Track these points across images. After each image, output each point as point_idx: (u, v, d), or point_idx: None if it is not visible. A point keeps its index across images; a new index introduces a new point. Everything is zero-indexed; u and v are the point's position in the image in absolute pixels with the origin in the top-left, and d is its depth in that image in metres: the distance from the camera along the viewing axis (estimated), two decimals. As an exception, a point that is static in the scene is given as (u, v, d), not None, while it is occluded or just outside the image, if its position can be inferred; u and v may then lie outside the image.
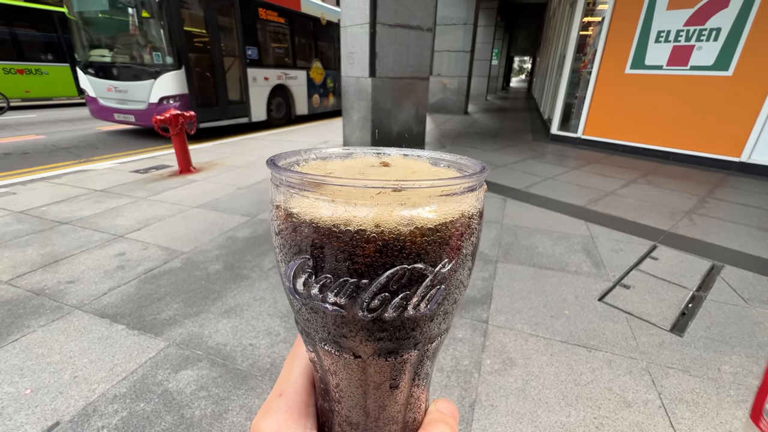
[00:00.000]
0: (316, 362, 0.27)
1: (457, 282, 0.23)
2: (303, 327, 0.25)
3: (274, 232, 0.23)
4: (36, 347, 1.63)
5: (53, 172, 4.36)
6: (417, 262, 0.20)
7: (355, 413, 0.26)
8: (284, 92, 8.77)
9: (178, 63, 6.12)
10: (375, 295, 0.20)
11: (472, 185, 0.22)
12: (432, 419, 0.29)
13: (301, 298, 0.22)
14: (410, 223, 0.19)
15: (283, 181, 0.22)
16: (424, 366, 0.26)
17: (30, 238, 2.65)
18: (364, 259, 0.19)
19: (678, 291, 2.16)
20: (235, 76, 7.32)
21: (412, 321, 0.22)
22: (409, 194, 0.19)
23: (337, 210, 0.19)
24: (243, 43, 7.25)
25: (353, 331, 0.22)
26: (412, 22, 5.22)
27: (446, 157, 0.28)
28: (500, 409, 1.39)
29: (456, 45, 10.73)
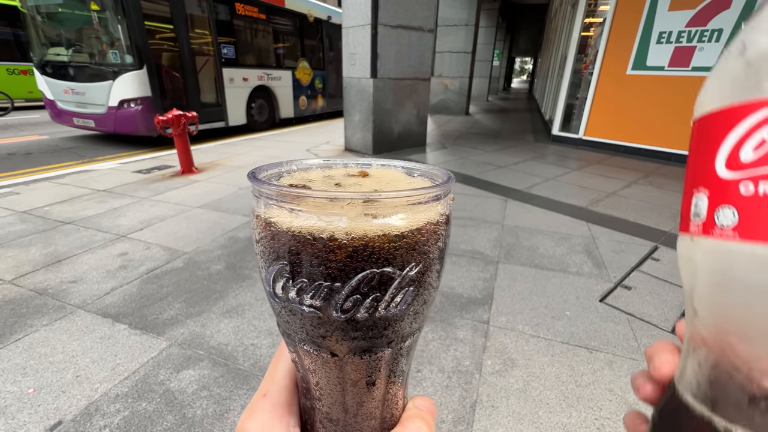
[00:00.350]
0: (297, 362, 0.28)
1: (425, 284, 0.24)
2: (284, 329, 0.26)
3: (255, 240, 0.24)
4: (39, 346, 1.64)
5: (56, 172, 4.38)
6: (385, 266, 0.22)
7: (335, 410, 0.28)
8: (267, 94, 8.21)
9: (139, 62, 5.52)
10: (347, 297, 0.22)
11: (437, 194, 0.23)
12: (409, 415, 0.30)
13: (281, 302, 0.24)
14: (378, 231, 0.21)
15: (262, 193, 0.23)
16: (399, 363, 0.28)
17: (33, 237, 2.67)
18: (336, 264, 0.21)
19: (679, 292, 2.16)
20: (209, 76, 6.79)
21: (384, 321, 0.23)
22: (377, 204, 0.21)
23: (310, 220, 0.21)
24: (217, 40, 6.73)
25: (329, 331, 0.23)
26: (414, 23, 5.23)
27: (420, 167, 0.29)
28: (501, 409, 1.39)
29: (457, 46, 10.74)
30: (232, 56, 7.10)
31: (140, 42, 5.47)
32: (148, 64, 5.62)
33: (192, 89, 6.45)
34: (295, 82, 8.99)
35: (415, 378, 1.51)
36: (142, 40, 5.50)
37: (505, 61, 26.33)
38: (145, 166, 4.69)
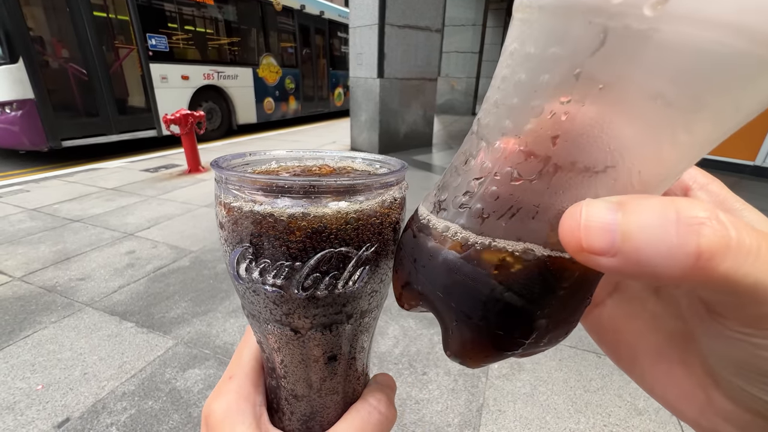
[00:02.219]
0: (262, 342, 0.29)
1: (381, 263, 0.26)
2: (249, 310, 0.27)
3: (218, 225, 0.25)
4: (47, 343, 1.65)
5: (66, 170, 4.43)
6: (342, 246, 0.23)
7: (299, 386, 0.29)
8: (218, 95, 6.91)
9: (10, 53, 4.21)
10: (308, 275, 0.23)
11: (389, 182, 0.25)
12: (370, 390, 0.32)
13: (245, 283, 0.25)
14: (335, 213, 0.23)
15: (223, 179, 0.24)
16: (358, 340, 0.29)
17: (43, 235, 2.70)
18: (297, 244, 0.23)
19: (690, 297, 2.12)
20: (132, 74, 5.54)
21: (343, 297, 0.25)
22: (330, 189, 0.23)
23: (271, 203, 0.22)
24: (141, 28, 5.40)
25: (291, 309, 0.25)
26: (421, 22, 5.21)
27: (379, 158, 0.31)
28: (508, 414, 1.38)
29: (464, 46, 10.70)
30: (165, 49, 5.80)
31: (13, 25, 4.15)
32: (26, 56, 4.31)
33: (103, 89, 5.20)
34: (258, 81, 7.67)
35: (421, 381, 1.50)
36: (16, 22, 4.17)
37: (512, 61, 26.15)
38: (153, 165, 4.72)
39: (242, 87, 7.39)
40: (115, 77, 5.40)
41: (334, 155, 0.33)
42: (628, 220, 0.13)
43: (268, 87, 8.01)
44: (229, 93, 7.12)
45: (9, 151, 5.44)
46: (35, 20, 4.62)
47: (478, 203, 0.18)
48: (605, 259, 0.13)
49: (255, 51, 7.60)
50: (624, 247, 0.13)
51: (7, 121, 4.49)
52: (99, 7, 5.11)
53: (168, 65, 5.92)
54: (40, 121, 4.61)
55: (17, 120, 4.48)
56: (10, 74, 4.32)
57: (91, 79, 5.12)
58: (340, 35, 10.39)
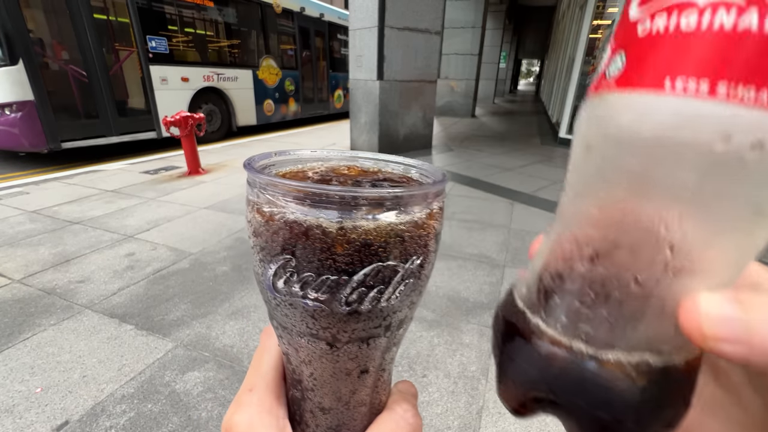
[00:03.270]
0: (290, 354, 0.28)
1: (423, 275, 0.26)
2: (279, 322, 0.26)
3: (253, 232, 0.24)
4: (47, 346, 1.65)
5: (66, 172, 4.43)
6: (390, 260, 0.22)
7: (328, 399, 0.28)
8: (218, 97, 6.94)
9: (10, 55, 4.24)
10: (353, 290, 0.22)
11: (438, 191, 0.25)
12: (395, 399, 0.31)
13: (281, 296, 0.24)
14: (386, 226, 0.22)
15: (260, 184, 0.23)
16: (391, 351, 0.29)
17: (42, 237, 2.70)
18: (344, 258, 0.21)
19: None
20: (132, 75, 5.57)
21: (385, 311, 0.24)
22: (384, 201, 0.22)
23: (318, 214, 0.21)
24: (142, 30, 5.44)
25: (331, 324, 0.24)
26: (420, 25, 5.23)
27: (415, 164, 0.30)
28: (508, 416, 1.37)
29: (464, 48, 10.73)
30: (165, 51, 5.83)
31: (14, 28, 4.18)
32: (26, 58, 4.34)
33: (102, 92, 5.22)
34: (258, 83, 7.69)
35: (420, 383, 1.50)
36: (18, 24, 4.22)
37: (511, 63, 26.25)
38: (153, 167, 4.73)
39: (242, 89, 7.40)
40: (115, 79, 5.41)
41: (368, 157, 0.32)
42: (750, 317, 0.15)
43: (267, 89, 8.02)
44: (229, 95, 7.12)
45: (8, 152, 5.45)
46: (35, 22, 4.62)
47: (601, 310, 0.18)
48: (731, 346, 0.15)
49: (255, 53, 7.61)
50: (751, 339, 0.15)
51: (7, 123, 4.50)
52: (99, 9, 5.12)
53: (168, 67, 5.93)
54: (40, 122, 4.60)
55: (17, 122, 4.48)
56: (10, 76, 4.32)
57: (91, 81, 5.12)
58: (339, 37, 10.40)
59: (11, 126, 4.49)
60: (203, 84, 6.55)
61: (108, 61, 5.28)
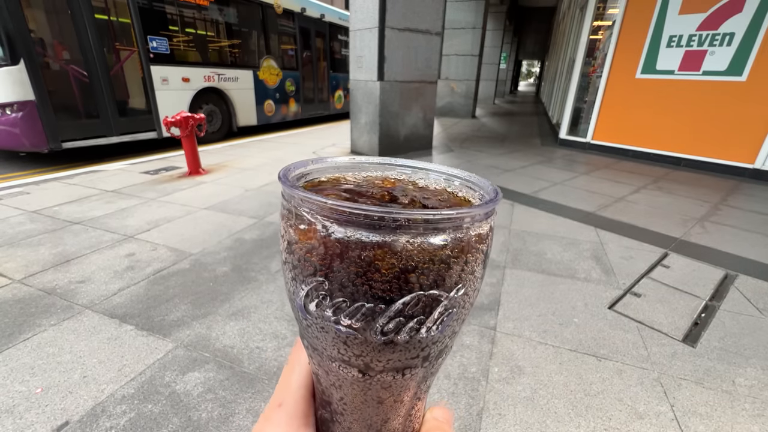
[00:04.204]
0: (320, 376, 0.27)
1: (468, 304, 0.23)
2: (310, 343, 0.25)
3: (285, 248, 0.22)
4: (47, 346, 1.65)
5: (66, 172, 4.43)
6: (433, 288, 0.20)
7: (358, 425, 0.27)
8: (219, 98, 6.97)
9: (11, 55, 4.26)
10: (390, 319, 0.21)
11: (489, 212, 0.22)
12: (429, 427, 0.30)
13: (312, 318, 0.22)
14: (429, 250, 0.20)
15: (296, 199, 0.21)
16: (427, 381, 0.27)
17: (42, 237, 2.70)
18: (382, 284, 0.20)
19: (690, 300, 2.12)
20: (133, 76, 5.58)
21: (423, 342, 0.22)
22: (428, 224, 0.19)
23: (355, 234, 0.19)
24: (143, 30, 5.47)
25: (364, 352, 0.22)
26: (421, 25, 5.23)
27: (459, 175, 0.28)
28: (508, 418, 1.37)
29: (464, 49, 10.73)
30: (165, 51, 5.83)
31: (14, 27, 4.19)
32: (27, 58, 4.35)
33: (103, 92, 5.24)
34: (259, 83, 7.69)
35: (420, 384, 1.50)
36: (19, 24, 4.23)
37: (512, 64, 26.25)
38: (153, 167, 4.73)
39: (243, 89, 7.40)
40: (115, 79, 5.42)
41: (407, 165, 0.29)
42: None
43: (268, 89, 8.03)
44: (230, 95, 7.13)
45: (9, 152, 5.45)
46: (36, 22, 4.58)
47: None
48: None
49: (256, 53, 7.62)
50: None
51: (8, 123, 4.50)
52: (100, 9, 5.13)
53: (169, 67, 5.94)
54: (41, 122, 4.60)
55: (18, 121, 4.49)
56: (11, 76, 4.33)
57: (92, 81, 5.13)
58: (340, 38, 10.40)
59: (12, 126, 4.51)
60: (204, 84, 6.57)
61: (109, 61, 5.30)
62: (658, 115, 5.64)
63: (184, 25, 6.22)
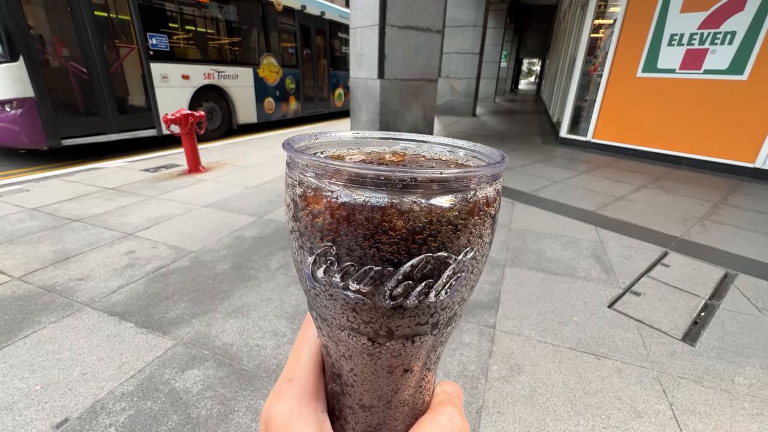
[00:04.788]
0: (329, 347, 0.27)
1: (477, 269, 0.23)
2: (319, 313, 0.25)
3: (292, 217, 0.23)
4: (46, 343, 1.65)
5: (66, 169, 4.43)
6: (441, 251, 0.20)
7: (368, 397, 0.27)
8: (219, 95, 6.95)
9: (10, 52, 4.25)
10: (399, 283, 0.20)
11: (496, 174, 0.22)
12: (440, 400, 0.30)
13: (320, 286, 0.22)
14: (437, 211, 0.20)
15: (302, 166, 0.21)
16: (437, 350, 0.27)
17: (42, 234, 2.69)
18: (389, 246, 0.19)
19: (690, 299, 2.12)
20: (133, 73, 5.57)
21: (432, 307, 0.22)
22: (442, 183, 0.19)
23: (362, 196, 0.19)
24: (142, 27, 5.44)
25: (373, 318, 0.22)
26: (422, 23, 5.21)
27: (465, 146, 0.28)
28: (507, 416, 1.37)
29: (465, 47, 10.71)
30: (165, 48, 5.81)
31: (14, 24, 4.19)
32: (27, 55, 4.35)
33: (102, 89, 5.22)
34: (259, 81, 7.69)
35: (420, 382, 1.50)
36: (18, 21, 4.23)
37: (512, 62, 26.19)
38: (153, 165, 4.72)
39: (243, 87, 7.38)
40: (115, 76, 5.40)
41: (411, 139, 0.29)
42: None
43: (268, 87, 8.01)
44: (230, 93, 7.12)
45: (9, 149, 5.45)
46: (36, 19, 4.57)
47: None
48: None
49: (256, 51, 7.60)
50: None
51: (7, 120, 4.49)
52: (100, 6, 5.12)
53: (168, 64, 5.92)
54: (40, 119, 4.60)
55: (17, 118, 4.48)
56: (11, 72, 4.32)
57: (92, 78, 5.12)
58: (340, 36, 10.37)
59: (11, 123, 4.51)
60: (204, 82, 6.55)
61: (108, 58, 5.28)
62: (659, 113, 5.63)
63: (184, 22, 6.20)
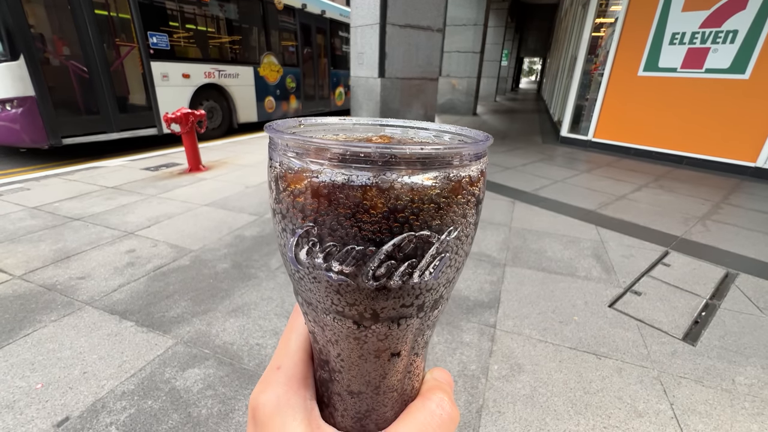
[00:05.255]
0: (316, 333, 0.27)
1: (461, 250, 0.23)
2: (304, 298, 0.25)
3: (274, 199, 0.22)
4: (47, 342, 1.65)
5: (66, 168, 4.43)
6: (423, 229, 0.20)
7: (356, 382, 0.27)
8: (219, 94, 6.96)
9: (11, 50, 4.25)
10: (381, 262, 0.20)
11: (478, 153, 0.22)
12: (429, 387, 0.30)
13: (303, 268, 0.22)
14: (419, 189, 0.19)
15: (283, 146, 0.21)
16: (424, 334, 0.27)
17: (43, 233, 2.70)
18: (371, 225, 0.19)
19: (691, 299, 2.12)
20: (133, 72, 5.57)
21: (417, 289, 0.22)
22: (420, 160, 0.19)
23: (342, 174, 0.19)
24: (143, 26, 5.45)
25: (357, 300, 0.22)
26: (422, 22, 5.20)
27: (451, 130, 0.28)
28: (507, 415, 1.37)
29: (466, 46, 10.69)
30: (166, 47, 5.81)
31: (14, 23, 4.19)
32: (27, 54, 4.34)
33: (103, 88, 5.22)
34: (259, 80, 7.69)
35: (420, 381, 1.50)
36: (19, 20, 4.22)
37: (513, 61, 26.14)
38: (153, 164, 4.72)
39: (243, 86, 7.38)
40: (116, 75, 5.41)
41: (397, 124, 0.29)
42: None
43: (269, 86, 8.01)
44: (230, 91, 7.12)
45: (9, 148, 5.45)
46: (36, 18, 4.57)
47: None
48: None
49: (256, 50, 7.60)
50: None
51: (8, 119, 4.50)
52: (100, 5, 5.12)
53: (169, 63, 5.93)
54: (41, 118, 4.61)
55: (18, 117, 4.48)
56: (11, 71, 4.32)
57: (92, 77, 5.12)
58: (341, 34, 10.36)
59: (12, 122, 4.51)
60: (204, 80, 6.55)
61: (109, 57, 5.28)
62: (660, 113, 5.61)
63: (185, 21, 6.20)
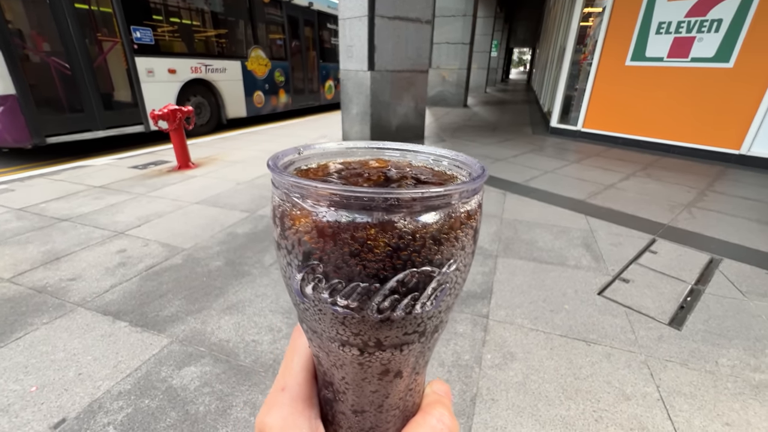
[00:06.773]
0: (321, 357, 0.27)
1: (460, 279, 0.24)
2: (309, 326, 0.26)
3: (279, 236, 0.23)
4: (40, 345, 1.64)
5: (51, 168, 4.34)
6: (425, 265, 0.21)
7: (360, 402, 0.28)
8: (207, 90, 6.84)
9: None
10: (386, 297, 0.21)
11: (477, 188, 0.23)
12: (429, 401, 0.30)
13: (309, 302, 0.23)
14: (421, 228, 0.20)
15: (286, 185, 0.22)
16: (425, 356, 0.28)
17: (30, 235, 2.65)
18: (375, 264, 0.20)
19: (677, 285, 2.18)
20: (117, 67, 5.45)
21: (419, 318, 0.23)
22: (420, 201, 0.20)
23: (346, 216, 0.20)
24: (125, 20, 5.30)
25: (362, 331, 0.23)
26: (411, 14, 5.16)
27: (447, 155, 0.29)
28: (501, 403, 1.41)
29: (455, 37, 10.64)
30: (150, 41, 5.68)
31: None
32: (5, 51, 4.21)
33: (87, 84, 5.10)
34: (247, 74, 7.60)
35: (415, 372, 1.53)
36: None
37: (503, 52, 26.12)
38: (141, 162, 4.65)
39: (231, 80, 7.27)
40: (99, 71, 5.28)
41: (395, 148, 0.30)
42: None
43: (257, 80, 7.90)
44: (218, 87, 7.01)
45: (-9, 148, 5.31)
46: (14, 13, 4.45)
47: None
48: None
49: (243, 43, 7.47)
50: None
51: (-12, 118, 4.42)
52: None
53: (154, 58, 5.80)
54: (23, 117, 4.50)
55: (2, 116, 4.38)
56: None
57: (75, 74, 4.99)
58: (329, 27, 10.22)
59: None
60: (191, 76, 6.43)
61: (92, 53, 5.14)
62: (647, 102, 5.68)
63: (169, 15, 6.06)
